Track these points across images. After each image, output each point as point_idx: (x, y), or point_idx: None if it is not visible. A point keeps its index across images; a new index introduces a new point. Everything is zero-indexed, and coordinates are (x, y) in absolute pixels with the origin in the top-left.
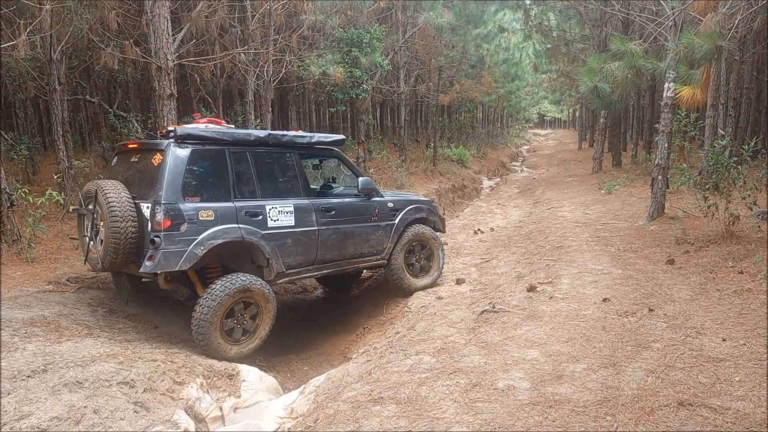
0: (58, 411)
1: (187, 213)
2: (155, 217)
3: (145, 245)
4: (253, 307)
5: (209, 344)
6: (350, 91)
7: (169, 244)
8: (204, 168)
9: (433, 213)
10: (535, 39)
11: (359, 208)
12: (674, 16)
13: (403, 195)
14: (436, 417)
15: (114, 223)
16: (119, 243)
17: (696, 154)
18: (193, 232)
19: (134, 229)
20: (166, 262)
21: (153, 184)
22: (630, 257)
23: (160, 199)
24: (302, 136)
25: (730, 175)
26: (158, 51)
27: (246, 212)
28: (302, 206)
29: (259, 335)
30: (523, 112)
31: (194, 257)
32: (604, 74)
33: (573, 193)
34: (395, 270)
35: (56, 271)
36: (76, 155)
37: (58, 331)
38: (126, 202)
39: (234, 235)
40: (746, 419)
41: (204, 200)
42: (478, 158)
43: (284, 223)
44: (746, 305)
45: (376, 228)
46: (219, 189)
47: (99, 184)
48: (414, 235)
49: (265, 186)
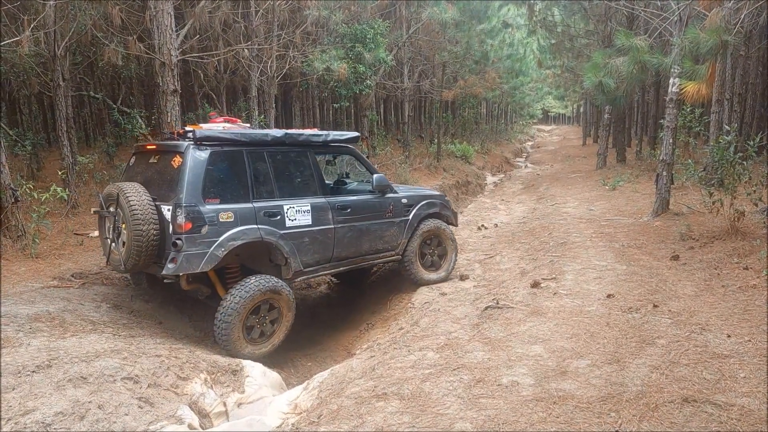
0: (62, 406)
1: (207, 215)
2: (176, 220)
3: (167, 247)
4: (275, 312)
5: (229, 337)
6: (354, 87)
7: (191, 247)
8: (223, 169)
9: (446, 207)
10: (540, 34)
11: (374, 205)
12: (680, 11)
13: (416, 190)
14: (440, 413)
15: (136, 227)
16: (141, 246)
17: (701, 150)
18: (213, 234)
19: (156, 231)
20: (188, 264)
21: (173, 186)
22: (634, 253)
23: (181, 202)
24: (318, 134)
25: (736, 171)
26: (162, 47)
27: (264, 213)
28: (319, 205)
29: (271, 342)
30: (527, 107)
31: (215, 259)
32: (609, 70)
33: (577, 189)
34: (409, 264)
35: (60, 266)
36: (81, 151)
37: (62, 327)
38: (147, 205)
39: (253, 236)
40: (751, 416)
41: (223, 202)
42: (482, 154)
43: (302, 223)
44: (751, 302)
45: (390, 224)
46: (238, 190)
47: (120, 187)
48: (427, 230)
49: (283, 185)
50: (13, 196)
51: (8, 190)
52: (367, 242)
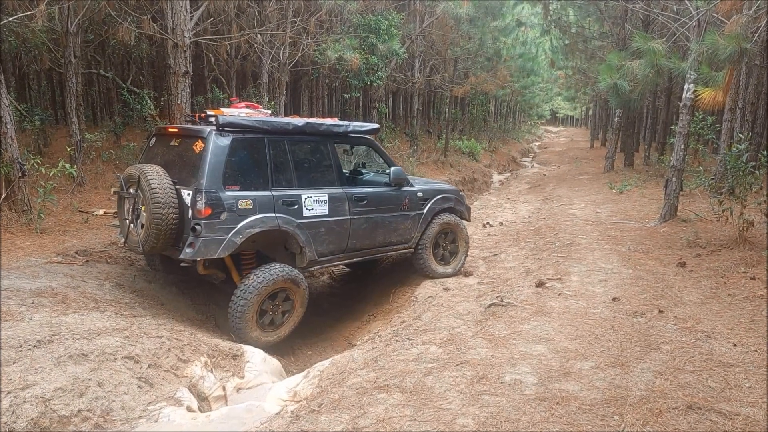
0: (62, 382)
1: (227, 202)
2: (196, 206)
3: (185, 231)
4: (288, 304)
5: (243, 316)
6: (365, 78)
7: (209, 232)
8: (243, 157)
9: (460, 203)
10: (553, 34)
11: (390, 198)
12: (699, 16)
13: (432, 183)
14: (442, 407)
15: (156, 210)
16: (161, 229)
17: (710, 158)
18: (232, 221)
19: (175, 215)
20: (206, 249)
21: (194, 171)
22: (640, 258)
23: (201, 188)
24: (338, 125)
25: (746, 180)
26: (175, 28)
27: (283, 201)
28: (336, 195)
29: (278, 333)
30: (536, 107)
31: (233, 245)
32: (625, 72)
33: (584, 191)
34: (422, 257)
35: (65, 243)
36: (88, 129)
37: (65, 303)
38: (168, 188)
39: (271, 224)
40: (756, 426)
41: (243, 189)
42: (489, 152)
43: (319, 212)
44: (758, 311)
45: (405, 217)
46: (257, 178)
47: (142, 169)
48: (441, 224)
49: (302, 175)
50: (21, 170)
51: (16, 164)
52: (381, 234)
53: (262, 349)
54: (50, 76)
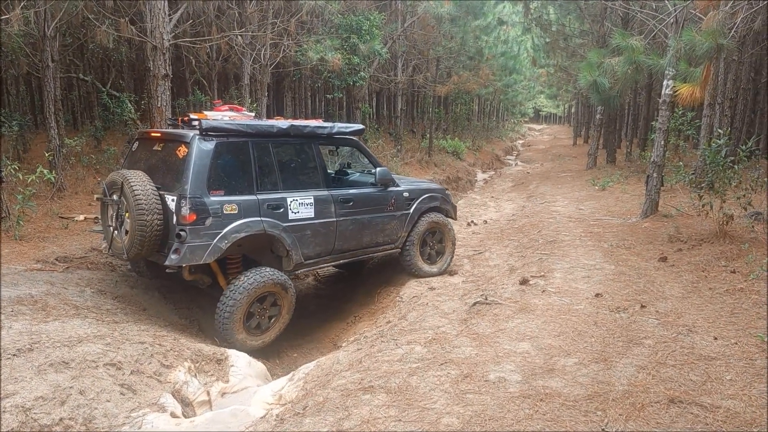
0: (43, 391)
1: (212, 207)
2: (181, 211)
3: (170, 237)
4: (275, 309)
5: (231, 318)
6: (348, 78)
7: (195, 238)
8: (228, 161)
9: (446, 201)
10: (534, 33)
11: (376, 199)
12: (676, 13)
13: (417, 183)
14: (426, 407)
15: (140, 217)
16: (145, 235)
17: (690, 153)
18: (217, 226)
19: (160, 222)
20: (192, 255)
21: (178, 176)
22: (623, 253)
23: (185, 193)
24: (323, 126)
25: (726, 175)
26: (154, 30)
27: (268, 205)
28: (322, 198)
29: (262, 339)
30: (519, 106)
31: (218, 251)
32: (604, 69)
33: (567, 189)
34: (409, 257)
35: (44, 249)
36: (68, 134)
37: (45, 311)
38: (152, 194)
39: (257, 229)
40: (737, 418)
41: (228, 193)
42: (473, 151)
43: (304, 215)
44: (738, 305)
45: (391, 218)
46: (242, 182)
47: (125, 175)
48: (428, 224)
49: (287, 177)
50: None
51: None
52: (368, 235)
53: (246, 352)
54: (29, 80)
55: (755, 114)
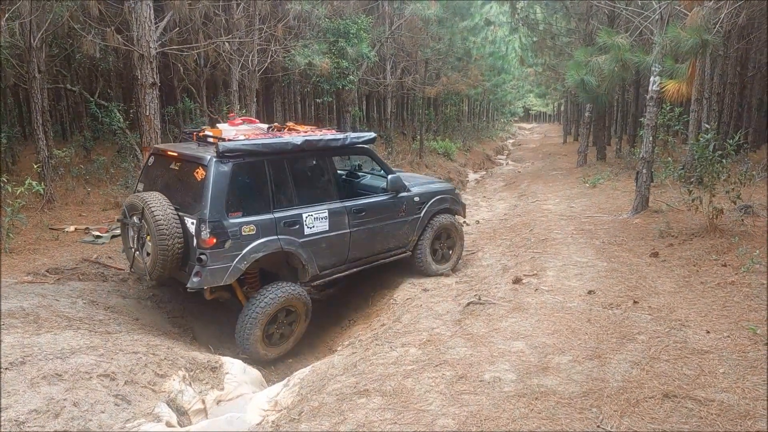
0: (36, 404)
1: (230, 229)
2: (201, 235)
3: (190, 257)
4: (292, 317)
5: (251, 339)
6: (337, 82)
7: (215, 261)
8: (245, 181)
9: (455, 202)
10: (522, 32)
11: (388, 206)
12: (661, 10)
13: (427, 185)
14: (422, 409)
15: (162, 242)
16: (167, 258)
17: (680, 148)
18: (236, 248)
19: (180, 244)
20: (213, 277)
21: (196, 198)
22: (614, 250)
23: (205, 217)
24: (336, 138)
25: (714, 169)
26: (140, 39)
27: (284, 223)
28: (336, 210)
29: (285, 346)
30: (509, 105)
31: (238, 272)
32: (591, 67)
33: (558, 187)
34: (421, 257)
35: (35, 262)
36: (57, 145)
37: (36, 323)
38: (172, 219)
39: (274, 247)
40: (731, 411)
41: (246, 214)
42: (464, 151)
43: (319, 229)
44: (730, 298)
45: (403, 223)
46: (259, 201)
47: (145, 199)
48: (439, 225)
49: (302, 192)
50: None
51: None
52: (380, 243)
53: (266, 363)
54: (16, 92)
55: (742, 108)
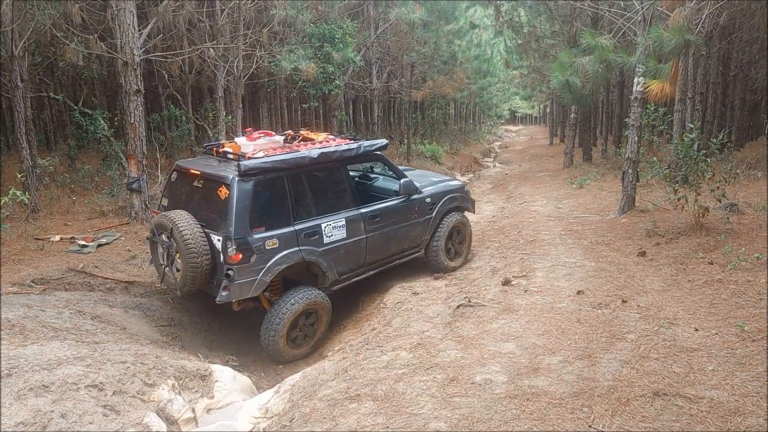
0: (23, 416)
1: (255, 245)
2: (227, 252)
3: (218, 271)
4: (313, 318)
5: (276, 341)
6: (323, 87)
7: (242, 276)
8: (266, 197)
9: (465, 199)
10: (506, 35)
11: (401, 209)
12: (643, 11)
13: (438, 185)
14: (414, 413)
15: (192, 259)
16: (197, 274)
17: (665, 148)
18: (261, 261)
19: (208, 261)
20: (240, 291)
21: (221, 215)
22: (602, 250)
23: (231, 235)
24: (349, 149)
25: (699, 168)
26: (124, 46)
27: (305, 234)
28: (352, 217)
29: (307, 346)
30: (495, 108)
31: (263, 284)
32: (575, 69)
33: (545, 188)
34: (435, 254)
35: (20, 272)
36: (41, 154)
37: (22, 334)
38: (200, 237)
39: (296, 258)
40: (720, 407)
41: (268, 229)
42: (451, 154)
43: (338, 237)
44: (717, 295)
45: (416, 225)
46: (280, 215)
47: (173, 219)
48: (450, 224)
49: (319, 203)
50: None
51: None
52: (395, 245)
53: (289, 363)
54: None
55: (726, 107)
